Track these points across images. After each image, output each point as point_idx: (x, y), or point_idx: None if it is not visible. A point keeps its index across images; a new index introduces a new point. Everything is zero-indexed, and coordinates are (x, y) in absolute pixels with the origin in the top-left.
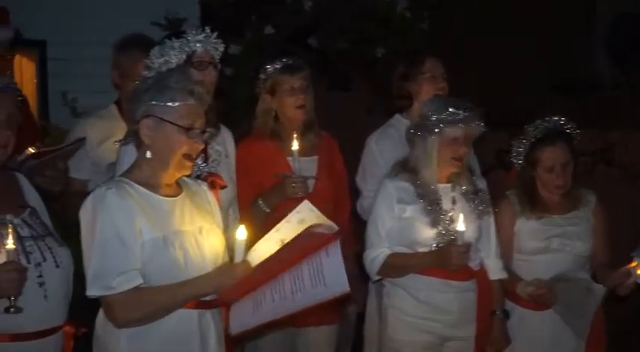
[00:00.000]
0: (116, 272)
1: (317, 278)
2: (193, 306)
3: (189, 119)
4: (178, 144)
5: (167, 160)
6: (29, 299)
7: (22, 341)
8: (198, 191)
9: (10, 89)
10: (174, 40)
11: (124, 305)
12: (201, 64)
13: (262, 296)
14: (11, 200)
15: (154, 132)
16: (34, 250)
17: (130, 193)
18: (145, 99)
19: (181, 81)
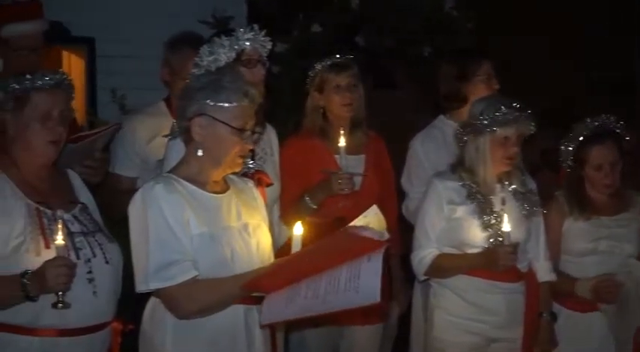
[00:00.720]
0: (172, 264)
1: (351, 283)
2: (240, 301)
3: (242, 120)
4: (231, 145)
5: (219, 159)
6: (78, 295)
7: (70, 336)
8: (245, 188)
9: (65, 86)
10: (223, 38)
11: (187, 296)
12: (250, 62)
13: (297, 290)
14: (62, 196)
15: (205, 131)
16: (84, 246)
17: (178, 188)
18: (198, 98)
19: (236, 81)
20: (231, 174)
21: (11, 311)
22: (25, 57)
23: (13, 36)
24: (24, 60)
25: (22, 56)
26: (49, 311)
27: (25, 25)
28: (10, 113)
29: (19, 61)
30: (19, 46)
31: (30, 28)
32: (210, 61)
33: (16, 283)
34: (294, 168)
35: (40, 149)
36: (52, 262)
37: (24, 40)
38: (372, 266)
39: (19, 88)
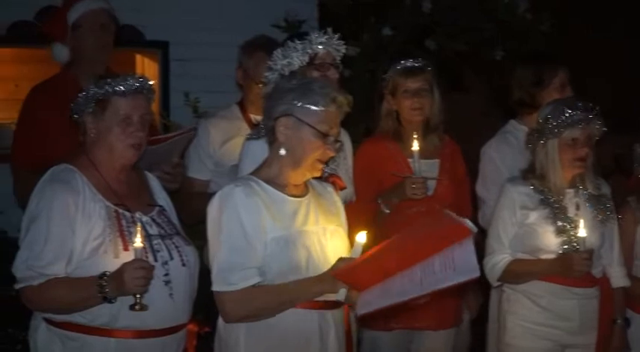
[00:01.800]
0: (237, 269)
1: (447, 265)
2: (314, 306)
3: (327, 125)
4: (313, 148)
5: (299, 161)
6: (155, 297)
7: (146, 338)
8: (324, 193)
9: (145, 91)
10: (296, 42)
11: (235, 302)
12: (323, 66)
13: (392, 282)
14: (140, 198)
15: (290, 132)
16: (162, 248)
17: (257, 191)
18: (286, 99)
19: (325, 87)
20: (311, 179)
21: (89, 313)
22: (95, 32)
23: (80, 16)
24: (99, 38)
25: (96, 34)
26: (126, 312)
27: (87, 3)
28: (91, 116)
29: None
30: (86, 22)
31: (93, 4)
32: (284, 65)
33: (94, 285)
34: (367, 172)
35: (120, 152)
36: (130, 264)
37: (91, 18)
38: (464, 248)
39: (100, 91)
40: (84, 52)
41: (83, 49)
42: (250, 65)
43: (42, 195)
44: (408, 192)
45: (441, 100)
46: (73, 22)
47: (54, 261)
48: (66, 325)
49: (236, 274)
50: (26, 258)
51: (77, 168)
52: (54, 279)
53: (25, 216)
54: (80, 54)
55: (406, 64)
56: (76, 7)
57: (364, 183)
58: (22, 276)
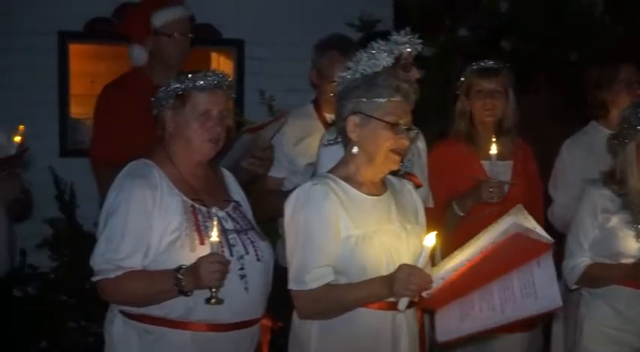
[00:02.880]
0: (312, 268)
1: (528, 290)
2: (387, 307)
3: (395, 115)
4: (384, 140)
5: (373, 155)
6: (230, 291)
7: (221, 331)
8: (403, 190)
9: (225, 86)
10: (380, 42)
11: (307, 300)
12: (407, 66)
13: (470, 305)
14: (216, 194)
15: (360, 129)
16: (237, 243)
17: (335, 190)
18: (352, 97)
19: (388, 78)
20: (390, 176)
21: (166, 306)
22: (179, 41)
23: (164, 23)
24: (178, 44)
25: (175, 41)
26: (202, 306)
27: (172, 11)
28: (170, 110)
29: (174, 46)
30: (171, 31)
31: (177, 12)
32: (369, 65)
33: (170, 278)
34: (440, 173)
35: (198, 147)
36: (206, 258)
37: (174, 25)
38: (544, 270)
39: (180, 86)
40: (162, 58)
41: (162, 54)
42: (324, 64)
43: (120, 189)
44: (484, 195)
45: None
46: (156, 28)
47: (131, 254)
48: (142, 318)
49: (311, 273)
50: (104, 251)
51: (155, 163)
52: (131, 272)
53: (103, 210)
54: (158, 58)
55: (482, 65)
56: (160, 14)
57: (437, 184)
58: (99, 269)
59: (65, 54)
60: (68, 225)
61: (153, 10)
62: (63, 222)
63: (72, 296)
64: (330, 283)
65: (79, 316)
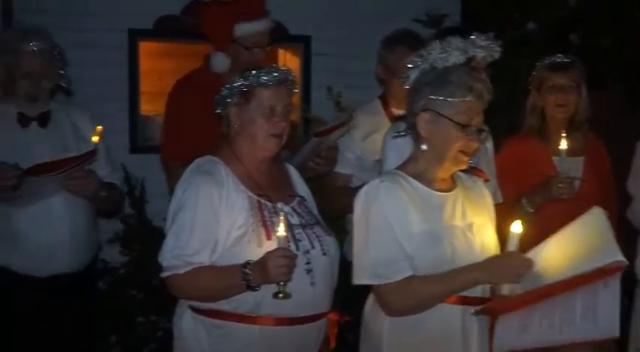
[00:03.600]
0: (389, 262)
1: (588, 313)
2: (458, 302)
3: (467, 116)
4: (454, 140)
5: (442, 154)
6: (297, 286)
7: (288, 325)
8: (473, 186)
9: (289, 82)
10: (459, 38)
11: (397, 294)
12: (476, 70)
13: (530, 318)
14: (281, 189)
15: (430, 126)
16: (303, 238)
17: (403, 186)
18: (424, 93)
19: (462, 76)
20: (460, 172)
21: (234, 300)
22: (256, 54)
23: (245, 35)
24: (254, 56)
25: (253, 53)
26: (269, 300)
27: (256, 24)
28: (236, 107)
29: (250, 57)
30: (250, 44)
31: (260, 26)
32: (440, 58)
33: (238, 273)
34: (510, 169)
35: (262, 142)
36: (273, 253)
37: (254, 38)
38: (609, 294)
39: (245, 83)
40: (236, 64)
41: (237, 61)
42: (391, 59)
43: (187, 186)
44: (554, 192)
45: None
46: (236, 36)
47: (199, 249)
48: (211, 313)
49: (390, 267)
50: (172, 246)
51: (221, 160)
52: (199, 268)
53: (171, 206)
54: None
55: (555, 60)
56: (244, 25)
57: (506, 179)
58: (168, 265)
59: (135, 52)
60: (138, 221)
61: (237, 19)
62: (133, 217)
63: (141, 291)
64: (412, 276)
65: (149, 311)
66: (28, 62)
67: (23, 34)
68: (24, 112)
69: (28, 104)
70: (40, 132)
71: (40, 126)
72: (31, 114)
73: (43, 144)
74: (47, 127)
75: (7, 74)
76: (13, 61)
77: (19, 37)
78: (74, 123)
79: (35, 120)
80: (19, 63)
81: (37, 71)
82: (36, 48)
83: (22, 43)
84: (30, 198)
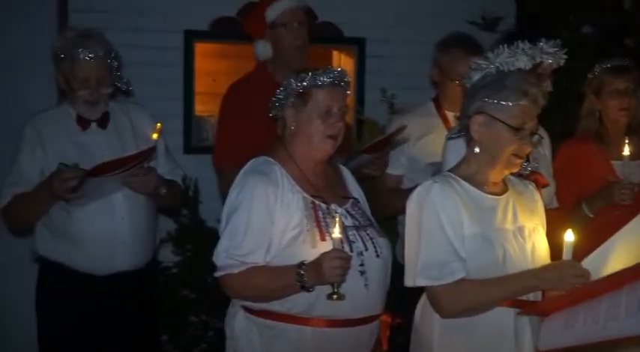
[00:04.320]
0: (441, 264)
1: (633, 310)
2: (511, 305)
3: (520, 119)
4: (507, 143)
5: (495, 157)
6: (351, 287)
7: (340, 327)
8: (525, 191)
9: (344, 83)
10: (527, 44)
11: (451, 296)
12: (543, 77)
13: (575, 317)
14: (335, 191)
15: (484, 129)
16: (357, 239)
17: (455, 188)
18: (479, 96)
19: (518, 81)
20: (511, 176)
21: (288, 301)
22: (295, 29)
23: (277, 15)
24: (295, 33)
25: (293, 30)
26: (323, 301)
27: (285, 2)
28: (292, 109)
29: (292, 36)
30: (285, 20)
31: (290, 3)
32: (506, 62)
33: (292, 273)
34: (568, 173)
35: (319, 144)
36: (328, 254)
37: (287, 16)
38: None
39: (301, 84)
40: (282, 51)
41: (281, 47)
42: (446, 62)
43: (243, 186)
44: (616, 197)
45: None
46: (271, 21)
47: (254, 249)
48: (264, 313)
49: (443, 268)
50: (227, 246)
51: (276, 161)
52: (254, 268)
53: (226, 206)
54: (278, 52)
55: (615, 63)
56: (274, 6)
57: (564, 184)
58: (222, 264)
59: (191, 52)
60: (192, 221)
61: (266, 4)
62: (187, 217)
63: (193, 291)
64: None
65: (200, 310)
66: (85, 69)
67: (77, 40)
68: (83, 115)
69: (86, 108)
70: (100, 134)
71: (100, 128)
72: (91, 116)
73: (102, 145)
74: (107, 128)
75: (65, 81)
76: (70, 68)
77: (74, 43)
78: (133, 122)
79: (95, 121)
80: (76, 70)
81: (94, 77)
82: (91, 54)
83: (77, 50)
84: (91, 197)
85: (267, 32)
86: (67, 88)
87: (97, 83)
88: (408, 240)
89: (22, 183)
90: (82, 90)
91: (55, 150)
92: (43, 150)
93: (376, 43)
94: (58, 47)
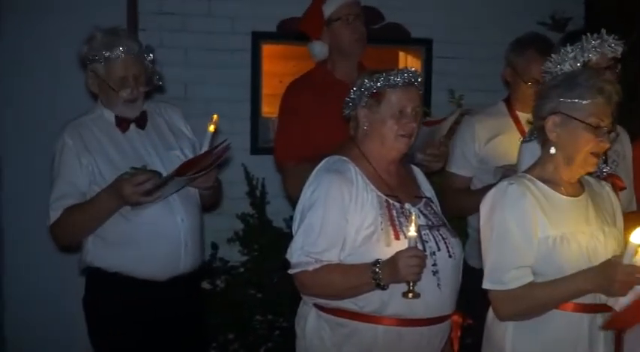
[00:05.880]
0: (510, 268)
1: None
2: (585, 309)
3: (597, 117)
4: (584, 142)
5: (572, 157)
6: (424, 287)
7: (412, 326)
8: (601, 192)
9: (417, 83)
10: (569, 47)
11: (507, 300)
12: (599, 71)
13: None
14: (408, 190)
15: (560, 129)
16: (430, 239)
17: (531, 189)
18: (553, 96)
19: (592, 78)
20: (588, 177)
21: (361, 299)
22: (352, 23)
23: (333, 10)
24: (353, 27)
25: (350, 24)
26: (397, 300)
27: None
28: (365, 109)
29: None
30: (341, 14)
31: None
32: (557, 71)
33: (368, 271)
34: None
35: (392, 143)
36: (405, 252)
37: (344, 10)
38: None
39: (375, 85)
40: (340, 45)
41: (339, 42)
42: (519, 63)
43: (318, 184)
44: None
45: None
46: (328, 17)
47: (329, 247)
48: (336, 311)
49: (510, 273)
50: (302, 244)
51: (350, 160)
52: (328, 265)
53: (300, 204)
54: (336, 48)
55: None
56: (329, 3)
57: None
58: (297, 262)
59: (258, 54)
60: (259, 221)
61: (324, 1)
62: (253, 217)
63: (259, 290)
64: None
65: (266, 310)
66: (122, 67)
67: (108, 38)
68: (122, 116)
69: (125, 108)
70: (141, 134)
71: (139, 128)
72: (130, 116)
73: (146, 144)
74: (146, 129)
75: (100, 82)
76: (105, 69)
77: (105, 43)
78: (167, 121)
79: (134, 122)
80: (112, 70)
81: (132, 74)
82: (125, 51)
83: (111, 49)
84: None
85: (325, 29)
86: (102, 90)
87: (135, 81)
88: (482, 241)
89: (73, 195)
90: (123, 90)
91: (102, 155)
92: (90, 155)
93: (443, 44)
94: (87, 50)
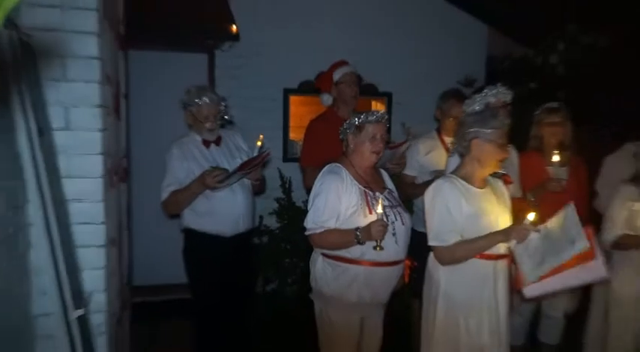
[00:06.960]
0: (447, 232)
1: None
2: (489, 257)
3: (501, 139)
4: (496, 154)
5: (485, 164)
6: (387, 243)
7: (381, 266)
8: (497, 186)
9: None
10: (476, 95)
11: (446, 252)
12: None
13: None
14: (378, 184)
15: (479, 148)
16: (391, 214)
17: (456, 184)
18: (474, 127)
19: (495, 114)
20: (489, 176)
21: (349, 250)
22: (351, 86)
23: (340, 76)
24: (350, 88)
25: (349, 86)
26: (370, 251)
27: (345, 68)
28: (352, 135)
29: (349, 91)
30: (346, 80)
31: (348, 69)
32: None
33: (352, 233)
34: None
35: (368, 156)
36: (375, 222)
37: (347, 77)
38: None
39: (358, 120)
40: (343, 98)
41: (343, 96)
42: (445, 106)
43: (322, 181)
44: (549, 188)
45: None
46: (336, 80)
47: (329, 218)
48: (334, 257)
49: (446, 235)
50: (313, 217)
51: (342, 166)
52: (328, 230)
53: (312, 192)
54: (341, 99)
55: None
56: (338, 71)
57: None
58: (310, 227)
59: (287, 102)
60: (287, 202)
61: (334, 70)
62: (284, 200)
63: (288, 244)
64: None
65: (292, 256)
66: (206, 109)
67: (199, 92)
68: (206, 139)
69: (208, 134)
70: (218, 150)
71: (216, 145)
72: (211, 138)
73: (221, 156)
74: (220, 146)
75: (193, 118)
76: (196, 109)
77: (197, 94)
78: (234, 141)
79: (213, 142)
80: (201, 110)
81: (213, 114)
82: (208, 100)
83: (200, 98)
84: (224, 186)
85: (333, 87)
86: (195, 123)
87: (214, 117)
88: (427, 216)
89: (176, 183)
90: (207, 123)
91: (194, 161)
92: (187, 161)
93: (399, 95)
94: (187, 98)
